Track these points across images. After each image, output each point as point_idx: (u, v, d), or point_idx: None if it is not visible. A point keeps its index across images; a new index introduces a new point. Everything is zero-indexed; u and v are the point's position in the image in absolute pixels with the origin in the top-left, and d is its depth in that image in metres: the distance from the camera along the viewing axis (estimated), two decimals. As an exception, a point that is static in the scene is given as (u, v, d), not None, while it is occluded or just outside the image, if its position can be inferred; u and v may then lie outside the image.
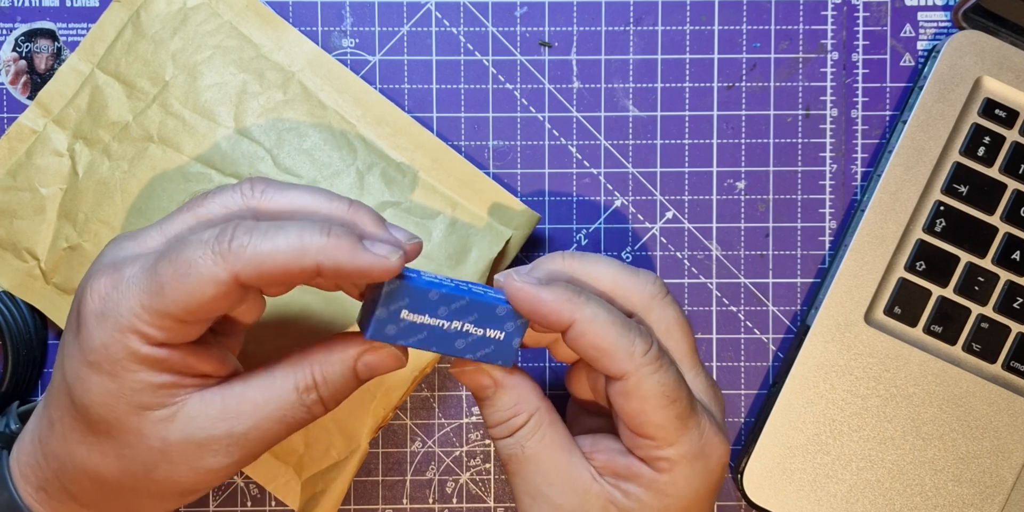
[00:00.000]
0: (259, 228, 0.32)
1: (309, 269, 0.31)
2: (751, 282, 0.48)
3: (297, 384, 0.34)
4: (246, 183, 0.35)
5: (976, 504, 0.46)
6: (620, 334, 0.34)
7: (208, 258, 0.31)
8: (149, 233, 0.34)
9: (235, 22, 0.46)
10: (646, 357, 0.34)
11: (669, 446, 0.34)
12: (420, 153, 0.46)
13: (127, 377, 0.32)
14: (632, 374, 0.34)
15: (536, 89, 0.48)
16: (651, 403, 0.34)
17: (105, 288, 0.32)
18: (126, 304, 0.32)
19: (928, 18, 0.49)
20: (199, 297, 0.31)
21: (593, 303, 0.34)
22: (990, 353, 0.46)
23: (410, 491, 0.48)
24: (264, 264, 0.31)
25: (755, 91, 0.49)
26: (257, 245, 0.31)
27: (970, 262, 0.46)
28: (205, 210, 0.34)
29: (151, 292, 0.31)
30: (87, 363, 0.33)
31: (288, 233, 0.31)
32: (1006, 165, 0.46)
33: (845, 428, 0.46)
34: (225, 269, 0.31)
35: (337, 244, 0.31)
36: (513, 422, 0.36)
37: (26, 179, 0.45)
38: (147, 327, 0.32)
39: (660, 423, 0.34)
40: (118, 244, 0.35)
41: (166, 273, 0.31)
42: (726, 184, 0.49)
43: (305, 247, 0.31)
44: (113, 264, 0.33)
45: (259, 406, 0.34)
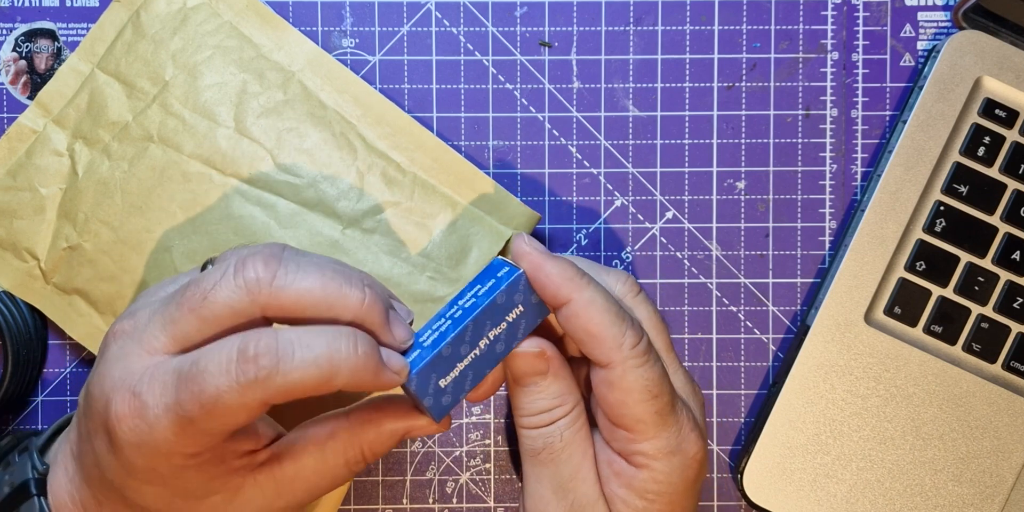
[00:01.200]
0: (283, 346, 0.30)
1: (335, 388, 0.31)
2: (751, 282, 0.48)
3: (348, 461, 0.35)
4: (250, 272, 0.31)
5: (976, 504, 0.46)
6: (613, 322, 0.34)
7: (235, 391, 0.30)
8: (152, 332, 0.32)
9: (235, 22, 0.46)
10: (635, 349, 0.34)
11: (646, 440, 0.34)
12: (420, 153, 0.46)
13: (177, 483, 0.33)
14: (618, 364, 0.34)
15: (536, 89, 0.48)
16: (633, 396, 0.34)
17: (132, 419, 0.31)
18: (160, 436, 0.31)
19: (928, 18, 0.49)
20: (232, 422, 0.31)
21: (594, 286, 0.34)
22: (990, 353, 0.46)
23: (410, 491, 0.48)
24: (294, 391, 0.30)
25: (755, 91, 0.49)
26: (286, 373, 0.30)
27: (970, 262, 0.46)
28: (210, 312, 0.31)
29: (181, 425, 0.31)
30: (135, 478, 0.33)
31: (317, 356, 0.30)
32: (1006, 165, 0.46)
33: (845, 428, 0.46)
34: (253, 398, 0.30)
35: (364, 364, 0.31)
36: (556, 412, 0.35)
37: (26, 179, 0.45)
38: (186, 448, 0.31)
39: (640, 417, 0.34)
40: (122, 346, 0.33)
41: (192, 408, 0.30)
42: (726, 184, 0.48)
43: (336, 369, 0.30)
44: (128, 383, 0.31)
45: (313, 485, 0.34)
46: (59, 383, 0.48)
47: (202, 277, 0.32)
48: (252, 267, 0.31)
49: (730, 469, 0.48)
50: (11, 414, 0.48)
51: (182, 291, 0.32)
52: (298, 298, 0.31)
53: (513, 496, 0.48)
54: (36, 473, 0.37)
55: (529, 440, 0.36)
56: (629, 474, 0.35)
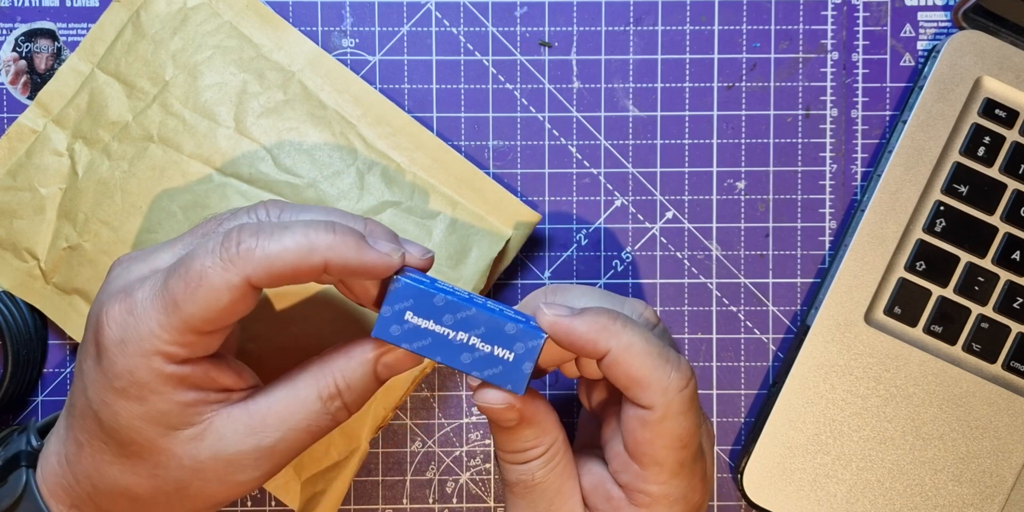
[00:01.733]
0: (264, 229, 0.32)
1: (317, 266, 0.32)
2: (751, 282, 0.48)
3: (320, 393, 0.34)
4: (261, 206, 0.34)
5: (976, 504, 0.46)
6: (656, 366, 0.33)
7: (218, 266, 0.31)
8: (157, 254, 0.34)
9: (235, 22, 0.46)
10: (680, 394, 0.33)
11: (655, 484, 0.34)
12: (420, 153, 0.46)
13: (154, 399, 0.33)
14: (660, 408, 0.33)
15: (536, 89, 0.48)
16: (664, 441, 0.33)
17: (120, 314, 0.32)
18: (145, 327, 0.32)
19: (928, 18, 0.49)
20: (215, 305, 0.31)
21: (629, 330, 0.33)
22: (990, 353, 0.46)
23: (410, 491, 0.48)
24: (274, 265, 0.31)
25: (755, 91, 0.49)
26: (265, 246, 0.31)
27: (970, 262, 0.46)
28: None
29: (167, 310, 0.31)
30: (113, 390, 0.33)
31: (294, 232, 0.31)
32: (1006, 165, 0.46)
33: (845, 428, 0.46)
34: (236, 274, 0.31)
35: (343, 240, 0.32)
36: (530, 453, 0.35)
37: (26, 179, 0.45)
38: (169, 346, 0.32)
39: (661, 461, 0.34)
40: (125, 266, 0.35)
41: (178, 288, 0.31)
42: (726, 184, 0.48)
43: (312, 245, 0.31)
44: (124, 289, 0.33)
45: (285, 418, 0.34)
46: (59, 383, 0.48)
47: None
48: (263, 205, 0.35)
49: (730, 469, 0.48)
50: (11, 414, 0.48)
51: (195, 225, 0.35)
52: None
53: None
54: (30, 447, 0.37)
55: (506, 472, 0.36)
56: (626, 510, 0.34)
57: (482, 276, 0.44)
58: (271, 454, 0.34)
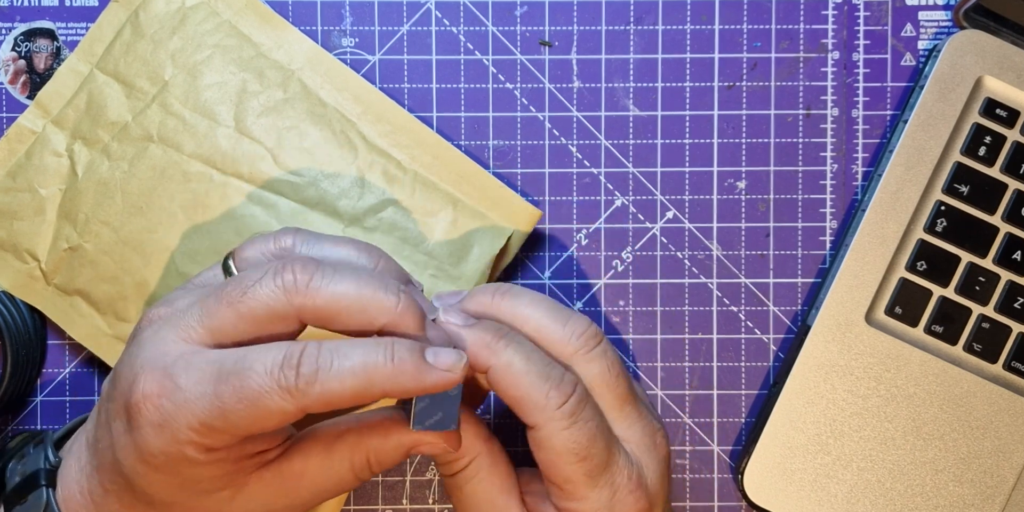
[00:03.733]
0: (323, 356, 0.31)
1: (377, 396, 0.31)
2: (752, 282, 0.48)
3: (354, 466, 0.35)
4: (287, 273, 0.32)
5: (977, 504, 0.46)
6: (533, 385, 0.33)
7: (276, 394, 0.31)
8: (189, 323, 0.33)
9: (234, 21, 0.46)
10: (559, 411, 0.34)
11: (577, 500, 0.35)
12: (421, 150, 0.45)
13: (189, 473, 0.33)
14: (543, 426, 0.34)
15: (536, 88, 0.48)
16: (562, 458, 0.34)
17: (159, 397, 0.32)
18: (184, 420, 0.31)
19: (929, 17, 0.49)
20: (263, 425, 0.31)
21: (512, 349, 0.34)
22: (991, 353, 0.46)
23: (410, 491, 0.48)
24: (332, 400, 0.31)
25: (756, 91, 0.48)
26: (325, 383, 0.31)
27: (971, 262, 0.46)
28: (247, 309, 0.32)
29: (212, 414, 0.31)
30: (146, 463, 0.33)
31: (353, 362, 0.31)
32: (1007, 165, 0.46)
33: (846, 428, 0.46)
34: (293, 404, 0.31)
35: (402, 371, 0.31)
36: (453, 465, 0.36)
37: (25, 180, 0.45)
38: (207, 440, 0.32)
39: (568, 477, 0.34)
40: (156, 331, 0.33)
41: (229, 400, 0.31)
42: (727, 184, 0.48)
43: (372, 379, 0.31)
44: (163, 365, 0.32)
45: (318, 485, 0.35)
46: (59, 383, 0.48)
47: (243, 276, 0.33)
48: (290, 270, 0.32)
49: (730, 469, 0.48)
50: (10, 414, 0.48)
51: (221, 288, 0.33)
52: (333, 301, 0.32)
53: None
54: (48, 464, 0.37)
55: (444, 484, 0.37)
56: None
57: (483, 273, 0.44)
58: (300, 508, 0.35)
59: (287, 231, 0.36)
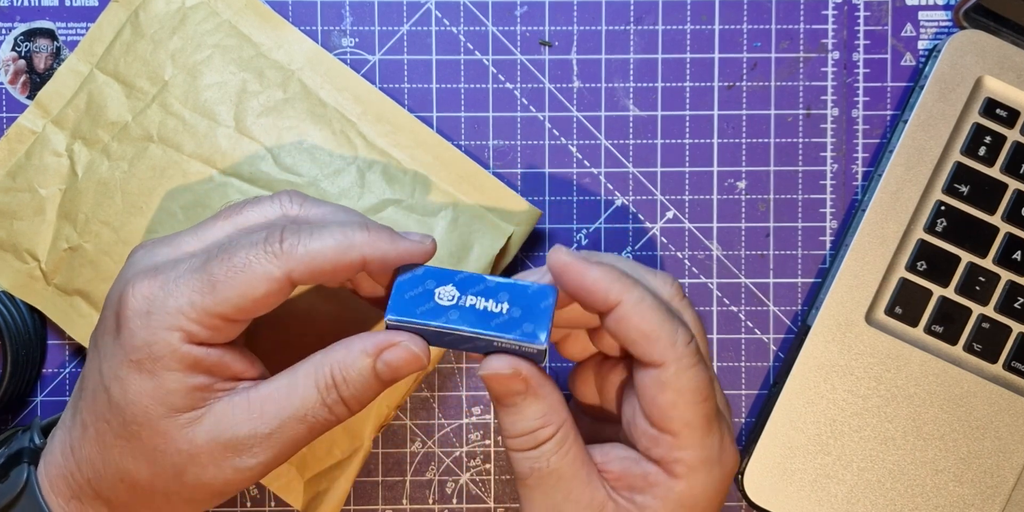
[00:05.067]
0: (305, 229, 0.34)
1: (356, 262, 0.33)
2: (752, 282, 0.48)
3: (318, 383, 0.34)
4: (284, 195, 0.36)
5: (977, 504, 0.45)
6: (665, 320, 0.33)
7: (262, 258, 0.33)
8: (183, 238, 0.36)
9: (234, 21, 0.46)
10: (688, 347, 0.33)
11: (690, 447, 0.33)
12: (421, 150, 0.45)
13: (166, 377, 0.33)
14: (672, 363, 0.33)
15: (536, 88, 0.48)
16: (685, 397, 0.33)
17: (149, 289, 0.33)
18: (174, 303, 0.33)
19: (929, 17, 0.49)
20: (252, 294, 0.33)
21: (641, 286, 0.33)
22: (991, 353, 0.46)
23: (410, 491, 0.48)
24: (315, 261, 0.33)
25: (756, 91, 0.48)
26: (307, 244, 0.33)
27: (971, 262, 0.46)
28: (243, 219, 0.36)
29: (202, 291, 0.33)
30: (128, 362, 0.33)
31: (332, 231, 0.33)
32: (1007, 165, 0.46)
33: (846, 428, 0.46)
34: (279, 267, 0.33)
35: (378, 236, 0.34)
36: (540, 434, 0.34)
37: (25, 180, 0.45)
38: (193, 325, 0.33)
39: (689, 420, 0.33)
40: (150, 249, 0.36)
41: (219, 272, 0.33)
42: (727, 184, 0.48)
43: (351, 242, 0.33)
44: (153, 267, 0.34)
45: (282, 406, 0.34)
46: (59, 383, 0.48)
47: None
48: (285, 194, 0.36)
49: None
50: (10, 414, 0.48)
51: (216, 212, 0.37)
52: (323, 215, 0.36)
53: (513, 496, 0.48)
54: (32, 444, 0.38)
55: (516, 463, 0.35)
56: (665, 485, 0.34)
57: (484, 273, 0.44)
58: (267, 442, 0.34)
59: (288, 193, 0.37)
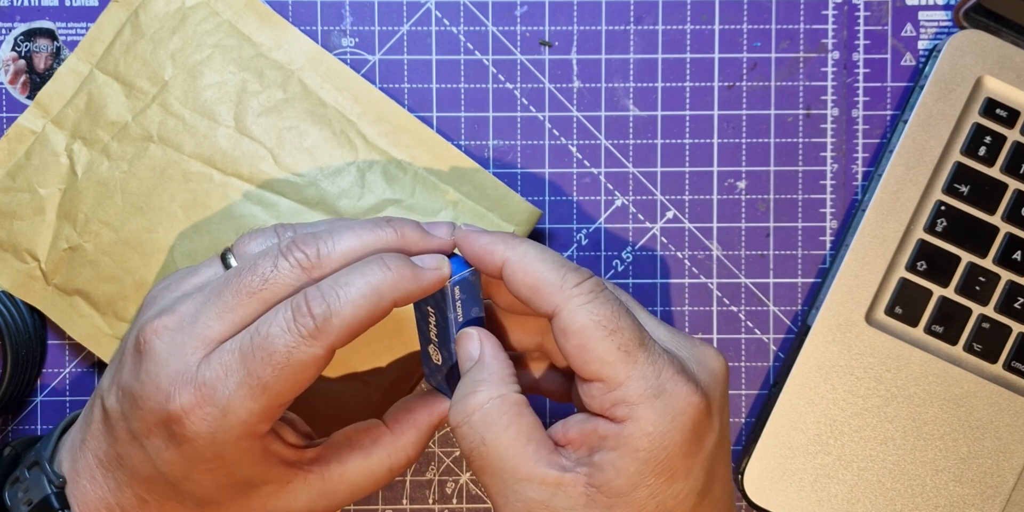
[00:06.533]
0: (327, 291, 0.32)
1: (388, 309, 0.33)
2: (752, 282, 0.48)
3: (392, 466, 0.36)
4: (296, 251, 0.33)
5: (977, 504, 0.45)
6: (551, 269, 0.33)
7: (301, 344, 0.31)
8: (206, 322, 0.33)
9: (234, 21, 0.46)
10: (577, 288, 0.32)
11: (620, 385, 0.32)
12: (421, 150, 0.45)
13: (238, 471, 0.33)
14: (563, 306, 0.32)
15: (536, 88, 0.48)
16: (589, 335, 0.32)
17: (201, 407, 0.32)
18: (235, 418, 0.32)
19: (929, 17, 0.49)
20: (304, 379, 0.32)
21: (527, 244, 0.34)
22: (991, 353, 0.46)
23: (410, 491, 0.48)
24: (353, 326, 0.32)
25: (756, 91, 0.48)
26: (340, 313, 0.32)
27: (971, 262, 0.46)
28: (272, 294, 0.33)
29: (255, 396, 0.32)
30: (196, 469, 0.33)
31: (357, 285, 0.32)
32: (1007, 165, 0.46)
33: (846, 428, 0.46)
34: (321, 347, 0.32)
35: (401, 275, 0.33)
36: (470, 400, 0.33)
37: (25, 180, 0.45)
38: (259, 426, 0.33)
39: (604, 357, 0.32)
40: (171, 341, 0.33)
41: (265, 373, 0.31)
42: (727, 184, 0.48)
43: (379, 293, 0.32)
44: (189, 378, 0.32)
45: (356, 485, 0.36)
46: (58, 383, 0.48)
47: (253, 265, 0.33)
48: (296, 249, 0.33)
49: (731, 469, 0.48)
50: (10, 414, 0.48)
51: (235, 280, 0.33)
52: (344, 259, 0.34)
53: (513, 496, 0.48)
54: (54, 487, 0.36)
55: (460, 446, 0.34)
56: (615, 432, 0.32)
57: None
58: (337, 507, 0.36)
59: (284, 225, 0.36)
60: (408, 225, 0.35)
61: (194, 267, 0.37)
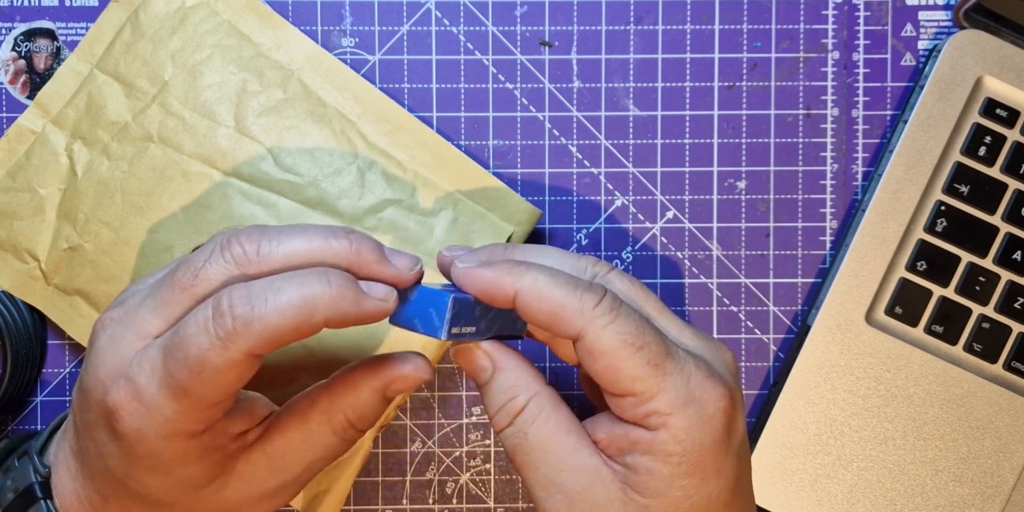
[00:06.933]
0: (256, 294, 0.30)
1: (318, 326, 0.31)
2: (752, 282, 0.48)
3: (335, 428, 0.35)
4: (234, 245, 0.32)
5: (977, 504, 0.45)
6: (566, 293, 0.32)
7: (216, 346, 0.30)
8: (144, 316, 0.32)
9: (234, 21, 0.46)
10: (597, 309, 0.32)
11: (652, 398, 0.32)
12: (421, 150, 0.45)
13: (180, 471, 0.33)
14: (587, 329, 0.32)
15: (536, 88, 0.48)
16: (617, 355, 0.32)
17: (129, 404, 0.31)
18: (159, 415, 0.31)
19: (929, 17, 0.49)
20: (223, 383, 0.31)
21: (534, 270, 0.33)
22: (991, 353, 0.46)
23: (410, 492, 0.48)
24: (274, 334, 0.30)
25: (756, 90, 0.48)
26: (262, 317, 0.30)
27: (971, 262, 0.46)
28: (202, 290, 0.32)
29: (176, 397, 0.31)
30: (138, 467, 0.33)
31: (289, 293, 0.30)
32: (1007, 165, 0.46)
33: (846, 428, 0.46)
34: (237, 351, 0.30)
35: (341, 295, 0.31)
36: (511, 406, 0.34)
37: (25, 180, 0.45)
38: (186, 426, 0.32)
39: (634, 374, 0.32)
40: (109, 334, 0.33)
41: (181, 375, 0.30)
42: (727, 184, 0.48)
43: (311, 306, 0.30)
44: (123, 371, 0.32)
45: (303, 455, 0.34)
46: (59, 383, 0.48)
47: (189, 258, 0.32)
48: (236, 242, 0.32)
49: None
50: (10, 414, 0.48)
51: (171, 274, 0.32)
52: (285, 262, 0.31)
53: (513, 496, 0.48)
54: (39, 476, 0.36)
55: (504, 444, 0.34)
56: (648, 439, 0.32)
57: None
58: (293, 483, 0.35)
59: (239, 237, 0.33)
60: (367, 243, 0.33)
61: (167, 265, 0.36)
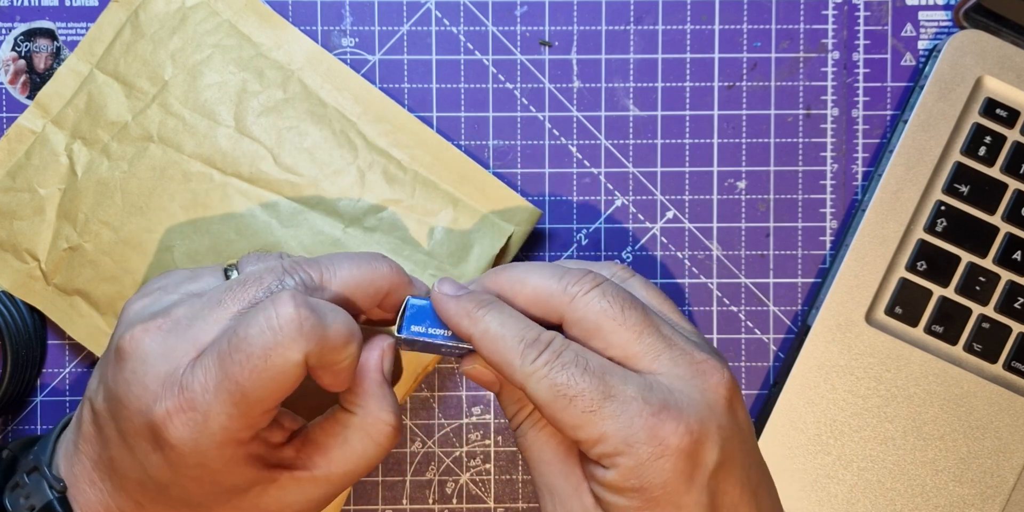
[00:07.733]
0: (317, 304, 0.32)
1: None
2: (752, 282, 0.48)
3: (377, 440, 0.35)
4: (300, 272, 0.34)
5: (977, 504, 0.45)
6: (508, 348, 0.33)
7: (282, 346, 0.31)
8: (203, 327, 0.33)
9: (234, 21, 0.46)
10: (533, 365, 0.33)
11: (596, 443, 0.32)
12: (421, 150, 0.45)
13: (226, 478, 0.33)
14: (525, 384, 0.33)
15: (536, 88, 0.48)
16: (553, 407, 0.32)
17: (183, 412, 0.31)
18: (216, 423, 0.31)
19: (929, 17, 0.49)
20: (279, 386, 0.31)
21: (490, 316, 0.34)
22: (991, 353, 0.46)
23: (410, 492, 0.48)
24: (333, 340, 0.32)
25: (756, 91, 0.48)
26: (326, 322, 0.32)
27: (971, 262, 0.46)
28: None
29: (234, 401, 0.31)
30: (183, 476, 0.33)
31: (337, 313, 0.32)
32: (1007, 165, 0.46)
33: (846, 428, 0.46)
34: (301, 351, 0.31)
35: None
36: (519, 415, 0.36)
37: (25, 180, 0.45)
38: (239, 433, 0.32)
39: (572, 423, 0.32)
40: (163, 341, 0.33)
41: (241, 375, 0.31)
42: (727, 184, 0.48)
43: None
44: (175, 380, 0.32)
45: (348, 471, 0.35)
46: (58, 383, 0.48)
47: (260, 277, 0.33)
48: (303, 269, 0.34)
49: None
50: (10, 414, 0.48)
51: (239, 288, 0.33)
52: (348, 285, 0.35)
53: (513, 496, 0.48)
54: (55, 493, 0.36)
55: (516, 442, 0.36)
56: (602, 475, 0.33)
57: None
58: (336, 494, 0.36)
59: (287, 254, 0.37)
60: (398, 265, 0.36)
61: (194, 272, 0.36)
